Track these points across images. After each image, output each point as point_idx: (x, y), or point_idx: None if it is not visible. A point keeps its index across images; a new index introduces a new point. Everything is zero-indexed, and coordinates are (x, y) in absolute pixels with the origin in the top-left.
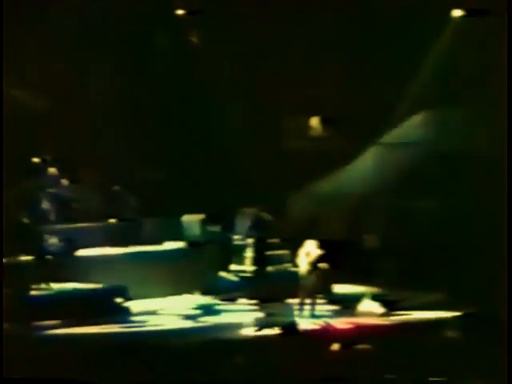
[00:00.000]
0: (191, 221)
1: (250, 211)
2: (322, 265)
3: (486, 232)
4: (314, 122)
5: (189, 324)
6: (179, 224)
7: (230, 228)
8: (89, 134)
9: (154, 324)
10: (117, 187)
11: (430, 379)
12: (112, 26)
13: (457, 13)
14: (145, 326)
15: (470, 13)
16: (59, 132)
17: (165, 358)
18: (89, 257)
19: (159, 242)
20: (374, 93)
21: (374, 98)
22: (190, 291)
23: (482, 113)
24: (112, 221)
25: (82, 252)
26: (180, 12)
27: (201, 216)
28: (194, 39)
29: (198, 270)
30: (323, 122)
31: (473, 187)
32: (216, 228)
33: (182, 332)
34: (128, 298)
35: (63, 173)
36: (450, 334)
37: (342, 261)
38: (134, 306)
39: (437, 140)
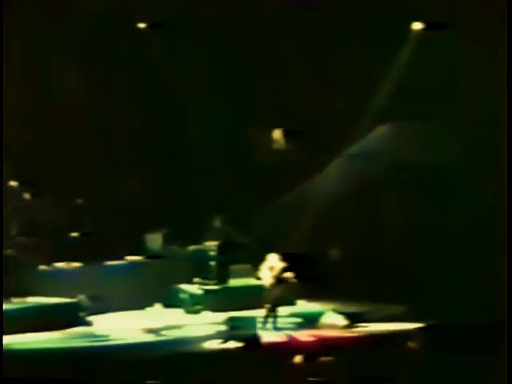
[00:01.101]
0: (153, 235)
1: (214, 224)
2: (286, 275)
3: (449, 243)
4: (277, 134)
5: (151, 338)
6: (142, 238)
7: (193, 241)
8: (52, 147)
9: (117, 338)
10: (79, 201)
11: None
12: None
13: (417, 26)
14: (107, 340)
15: (429, 26)
16: (20, 145)
17: (128, 372)
18: (51, 271)
19: (121, 256)
20: (337, 105)
21: (337, 110)
22: (152, 305)
23: (443, 125)
24: (74, 234)
25: (43, 266)
26: (142, 25)
27: (163, 230)
28: (158, 53)
29: (160, 283)
30: (286, 134)
31: (435, 199)
32: (178, 241)
33: (145, 346)
34: (90, 312)
35: (24, 186)
36: (413, 345)
37: (305, 274)
38: (96, 320)
39: (399, 152)
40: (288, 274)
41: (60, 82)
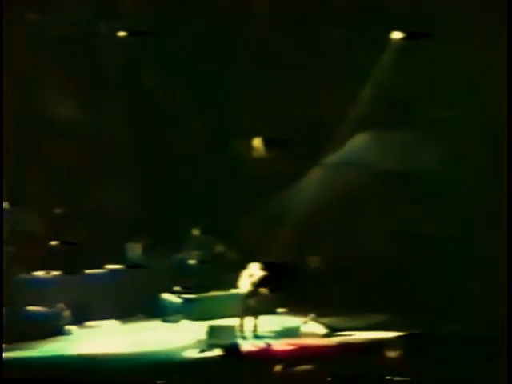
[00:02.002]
0: (134, 244)
1: (195, 233)
2: (261, 290)
3: (431, 252)
4: (257, 143)
5: (131, 347)
6: (122, 247)
7: (173, 250)
8: (32, 156)
9: (96, 348)
10: (59, 210)
11: None
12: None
13: (397, 35)
14: (85, 350)
15: (410, 35)
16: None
17: (109, 382)
18: (30, 279)
19: (100, 265)
20: (317, 113)
21: (316, 119)
22: (132, 314)
23: (426, 134)
24: (53, 243)
25: (22, 274)
26: (122, 34)
27: (144, 239)
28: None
29: (141, 292)
30: (266, 143)
31: (417, 208)
32: (159, 251)
33: (124, 356)
34: (69, 322)
35: (4, 194)
36: (392, 354)
37: (285, 282)
38: (76, 329)
39: (380, 160)
40: (263, 290)
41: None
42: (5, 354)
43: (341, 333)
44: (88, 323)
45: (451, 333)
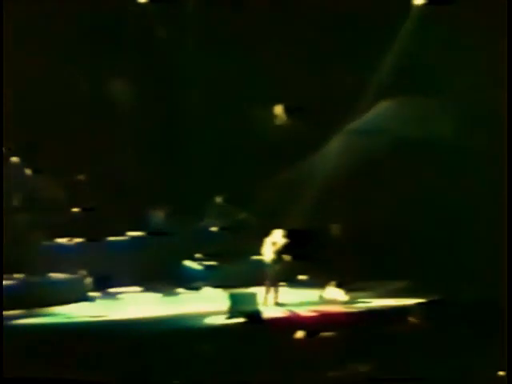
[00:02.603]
0: (155, 211)
1: (216, 201)
2: (285, 257)
3: (448, 220)
4: (278, 110)
5: (154, 313)
6: (144, 214)
7: (196, 218)
8: (53, 124)
9: (120, 313)
10: (81, 176)
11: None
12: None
13: (418, 1)
14: (111, 316)
15: (432, 1)
16: (22, 121)
17: (131, 347)
18: (52, 246)
19: (122, 232)
20: (337, 81)
21: (338, 87)
22: (154, 280)
23: (445, 102)
24: (75, 210)
25: (45, 241)
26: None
27: (165, 206)
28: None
29: (162, 259)
30: (287, 110)
31: (437, 175)
32: (181, 218)
33: (148, 321)
34: (94, 288)
35: (26, 162)
36: (414, 320)
37: (307, 250)
38: (100, 295)
39: (401, 128)
40: (286, 257)
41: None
42: (27, 320)
43: (362, 299)
44: (111, 290)
45: (471, 299)
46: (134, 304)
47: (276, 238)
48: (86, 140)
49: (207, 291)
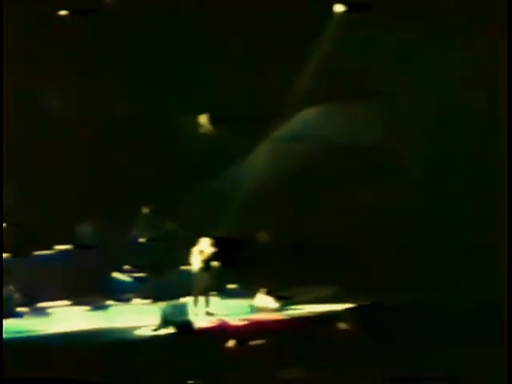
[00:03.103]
0: (84, 223)
1: (143, 212)
2: (214, 263)
3: (379, 223)
4: (203, 119)
5: (83, 326)
6: (72, 227)
7: (123, 229)
8: None
9: (47, 328)
10: (8, 189)
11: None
12: None
13: (339, 8)
14: (39, 330)
15: (352, 8)
16: None
17: (60, 361)
18: None
19: (50, 246)
20: (262, 88)
21: (263, 94)
22: (83, 293)
23: (372, 106)
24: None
25: None
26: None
27: (93, 218)
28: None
29: (90, 271)
30: (212, 119)
31: (366, 179)
32: (110, 229)
33: (76, 335)
34: (20, 304)
35: None
36: (343, 326)
37: (235, 258)
38: (28, 311)
39: (326, 134)
40: (214, 264)
41: None
42: None
43: (292, 306)
44: (39, 304)
45: (399, 303)
46: (63, 318)
47: (203, 247)
48: (15, 152)
49: (137, 303)
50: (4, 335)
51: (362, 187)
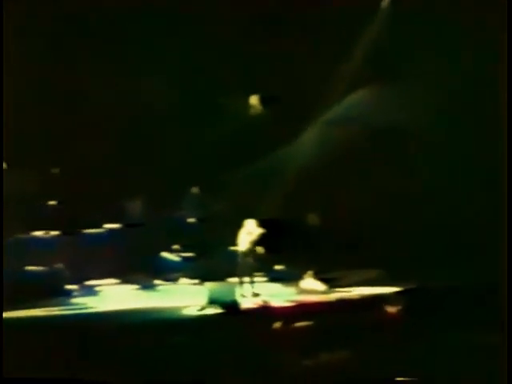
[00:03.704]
0: (132, 202)
1: (193, 192)
2: (260, 245)
3: (424, 207)
4: (254, 100)
5: (130, 306)
6: (121, 206)
7: (172, 208)
8: (26, 117)
9: (97, 306)
10: (56, 170)
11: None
12: None
13: None
14: (87, 308)
15: None
16: None
17: (109, 339)
18: (29, 239)
19: (99, 224)
20: (311, 71)
21: (312, 77)
22: (131, 272)
23: (418, 89)
24: (51, 203)
25: (21, 234)
26: None
27: (142, 197)
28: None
29: (139, 250)
30: (262, 100)
31: (409, 163)
32: (158, 209)
33: (125, 313)
34: (69, 281)
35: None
36: (391, 309)
37: (282, 239)
38: (76, 288)
39: (375, 116)
40: (260, 248)
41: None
42: (5, 314)
43: (340, 289)
44: (88, 282)
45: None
46: (112, 296)
47: (250, 229)
48: (60, 133)
49: (184, 282)
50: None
51: (407, 172)
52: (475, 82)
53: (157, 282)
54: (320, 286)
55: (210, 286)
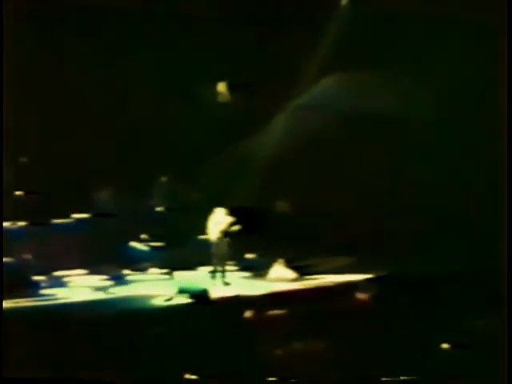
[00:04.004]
0: (101, 192)
1: (162, 180)
2: (233, 228)
3: (398, 192)
4: (221, 87)
5: (99, 296)
6: (89, 196)
7: (141, 198)
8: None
9: (65, 297)
10: (24, 159)
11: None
12: None
13: None
14: (55, 300)
15: None
16: None
17: (77, 331)
18: None
19: (67, 214)
20: (283, 56)
21: (283, 61)
22: (99, 262)
23: (392, 75)
24: (19, 193)
25: None
26: None
27: (111, 187)
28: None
29: (108, 240)
30: (230, 87)
31: (384, 148)
32: (127, 198)
33: (93, 304)
34: (38, 272)
35: None
36: (362, 296)
37: (253, 227)
38: (44, 279)
39: (346, 102)
40: (235, 227)
41: None
42: None
43: (310, 276)
44: (56, 273)
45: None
46: (79, 286)
47: (220, 217)
48: (30, 121)
49: (154, 272)
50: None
51: (378, 158)
52: (457, 67)
53: (126, 272)
54: (290, 273)
55: (179, 276)
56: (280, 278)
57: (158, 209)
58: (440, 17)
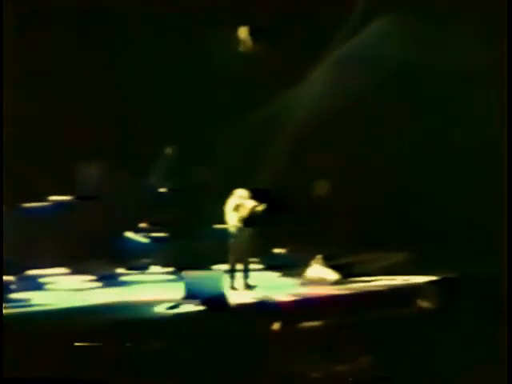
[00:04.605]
0: (86, 168)
1: (165, 153)
2: (258, 208)
3: (463, 174)
4: (243, 33)
5: (84, 302)
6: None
7: (138, 175)
8: None
9: (41, 303)
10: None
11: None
12: None
13: None
14: (29, 306)
15: None
16: None
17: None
18: None
19: (44, 196)
20: None
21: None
22: (85, 259)
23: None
24: None
25: None
26: None
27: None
28: None
29: (95, 230)
30: (254, 32)
31: (442, 112)
32: (121, 177)
33: (77, 312)
34: (6, 271)
35: None
36: (424, 303)
37: (282, 215)
38: (13, 280)
39: (399, 53)
40: (259, 208)
41: None
42: None
43: (355, 278)
44: (29, 272)
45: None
46: (61, 289)
47: (241, 201)
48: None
49: (155, 271)
50: None
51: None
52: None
53: (119, 271)
54: (330, 274)
55: (187, 276)
56: (317, 279)
57: (161, 190)
58: None
